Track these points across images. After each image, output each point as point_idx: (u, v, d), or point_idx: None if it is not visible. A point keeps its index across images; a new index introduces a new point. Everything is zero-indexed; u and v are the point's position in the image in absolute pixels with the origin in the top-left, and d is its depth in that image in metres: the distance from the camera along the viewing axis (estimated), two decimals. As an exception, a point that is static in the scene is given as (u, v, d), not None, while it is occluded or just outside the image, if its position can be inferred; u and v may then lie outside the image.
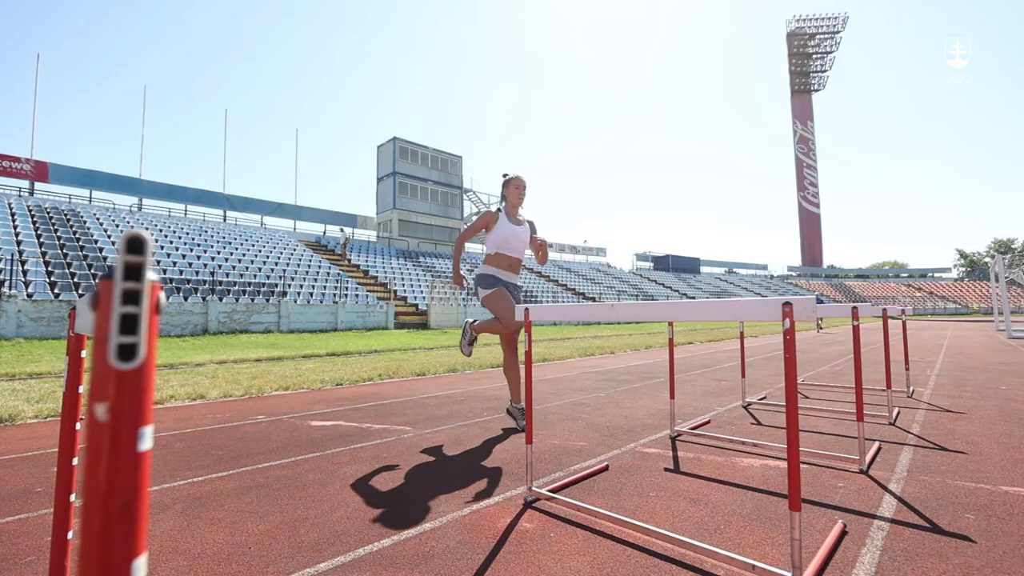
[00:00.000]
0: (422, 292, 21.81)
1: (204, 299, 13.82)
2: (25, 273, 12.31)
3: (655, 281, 44.08)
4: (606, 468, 2.32)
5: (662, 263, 54.13)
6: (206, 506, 1.88)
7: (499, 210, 3.41)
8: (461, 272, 3.40)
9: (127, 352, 0.33)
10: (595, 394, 4.43)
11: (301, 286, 17.56)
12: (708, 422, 3.33)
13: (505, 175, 3.44)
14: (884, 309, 3.43)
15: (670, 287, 42.47)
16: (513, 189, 3.40)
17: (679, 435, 2.94)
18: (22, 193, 20.77)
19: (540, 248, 3.39)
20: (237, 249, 19.79)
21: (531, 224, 3.52)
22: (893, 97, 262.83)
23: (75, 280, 13.05)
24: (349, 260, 23.84)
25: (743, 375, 4.09)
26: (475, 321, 3.42)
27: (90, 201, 22.57)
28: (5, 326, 10.52)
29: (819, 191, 74.25)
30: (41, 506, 1.88)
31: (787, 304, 1.26)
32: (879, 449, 2.61)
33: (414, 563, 1.44)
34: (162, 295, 0.35)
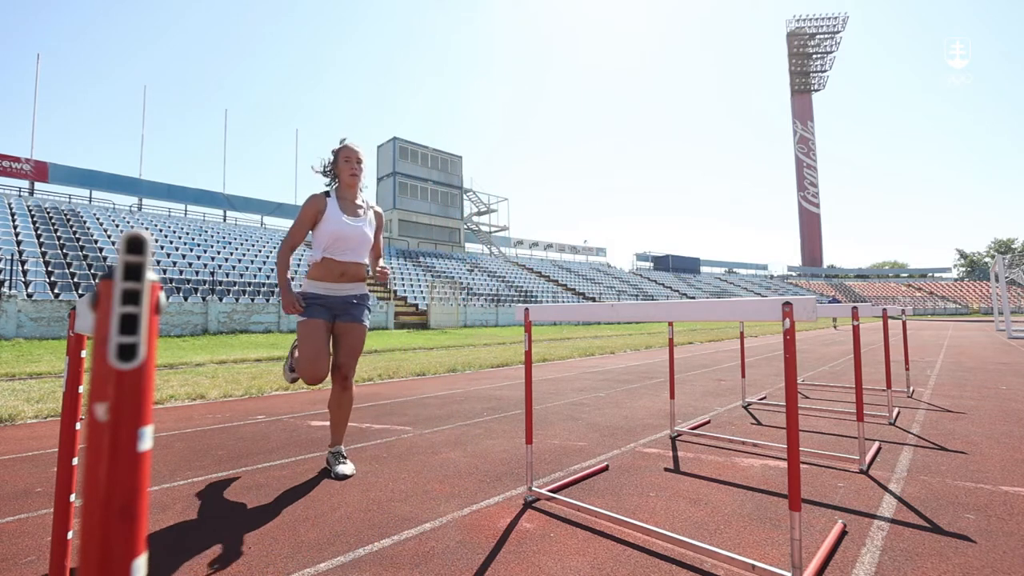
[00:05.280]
0: (422, 292, 21.83)
1: (204, 299, 13.82)
2: (25, 273, 12.31)
3: (655, 281, 44.07)
4: (606, 468, 2.32)
5: (662, 263, 54.11)
6: (206, 506, 1.88)
7: (327, 194, 2.33)
8: (294, 292, 2.29)
9: (127, 352, 0.33)
10: (595, 394, 4.43)
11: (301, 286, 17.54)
12: (708, 422, 3.33)
13: (343, 140, 2.40)
14: (884, 309, 3.43)
15: (670, 287, 42.46)
16: (343, 162, 2.34)
17: (679, 435, 2.94)
18: (22, 193, 20.78)
19: (376, 265, 2.45)
20: (237, 249, 19.79)
21: (377, 216, 2.46)
22: (893, 97, 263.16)
23: (75, 280, 13.05)
24: (349, 260, 23.81)
25: (743, 375, 4.09)
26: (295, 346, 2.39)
27: (90, 201, 22.57)
28: (5, 326, 10.51)
29: (819, 191, 74.29)
30: (41, 506, 1.88)
31: (787, 304, 1.26)
32: (879, 449, 2.61)
33: (414, 563, 1.44)
34: (162, 295, 0.35)
